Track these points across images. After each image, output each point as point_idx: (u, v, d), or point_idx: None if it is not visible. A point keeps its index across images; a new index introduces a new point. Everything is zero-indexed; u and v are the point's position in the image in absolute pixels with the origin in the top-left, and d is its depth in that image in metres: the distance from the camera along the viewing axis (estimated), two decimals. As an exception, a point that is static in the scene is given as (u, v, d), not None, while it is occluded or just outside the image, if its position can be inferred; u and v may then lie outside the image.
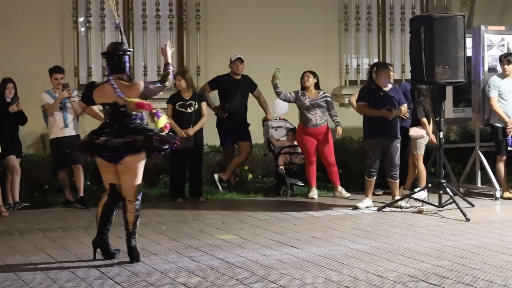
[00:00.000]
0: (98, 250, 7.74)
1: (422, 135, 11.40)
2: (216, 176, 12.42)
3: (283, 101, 12.04)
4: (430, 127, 11.36)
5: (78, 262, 7.61)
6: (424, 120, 11.36)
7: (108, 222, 7.75)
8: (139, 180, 7.73)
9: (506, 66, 11.52)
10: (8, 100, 11.09)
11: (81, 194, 11.27)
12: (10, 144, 11.06)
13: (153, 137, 7.55)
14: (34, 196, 11.56)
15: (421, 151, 11.47)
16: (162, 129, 7.67)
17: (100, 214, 7.71)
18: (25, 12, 12.58)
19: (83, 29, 13.24)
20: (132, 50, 7.94)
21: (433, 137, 11.33)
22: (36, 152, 12.42)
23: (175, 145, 7.72)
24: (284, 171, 12.09)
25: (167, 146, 7.64)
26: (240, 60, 12.35)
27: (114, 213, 7.85)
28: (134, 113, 7.54)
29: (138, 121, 7.62)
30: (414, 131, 11.37)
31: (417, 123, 11.37)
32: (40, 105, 11.32)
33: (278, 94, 11.88)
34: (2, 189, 10.88)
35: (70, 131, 11.21)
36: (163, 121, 7.70)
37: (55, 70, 11.34)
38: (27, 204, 11.18)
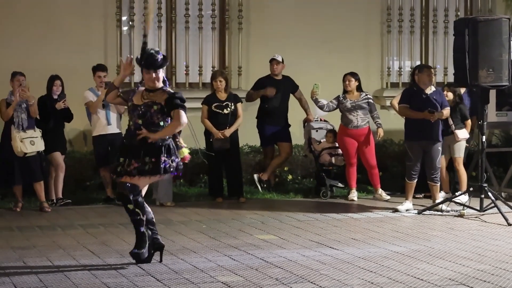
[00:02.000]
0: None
1: (466, 137, 11.37)
2: (255, 176, 12.44)
3: (328, 112, 12.01)
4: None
5: (120, 259, 7.66)
6: (469, 122, 11.33)
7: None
8: None
9: None
10: (55, 97, 11.23)
11: (122, 191, 11.33)
12: (55, 140, 11.21)
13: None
14: (76, 193, 11.65)
15: (462, 154, 11.42)
16: (183, 159, 7.59)
17: None
18: (69, 10, 12.67)
19: (126, 28, 13.30)
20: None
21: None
22: (78, 149, 12.50)
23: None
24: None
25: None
26: (276, 61, 12.34)
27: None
28: None
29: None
30: (462, 134, 11.31)
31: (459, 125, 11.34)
32: (83, 102, 11.43)
33: (321, 108, 11.90)
34: (45, 185, 11.01)
35: (113, 129, 11.30)
36: (185, 151, 7.63)
37: (98, 68, 11.46)
38: (69, 200, 11.31)
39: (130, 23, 13.26)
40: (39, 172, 10.89)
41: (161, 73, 7.47)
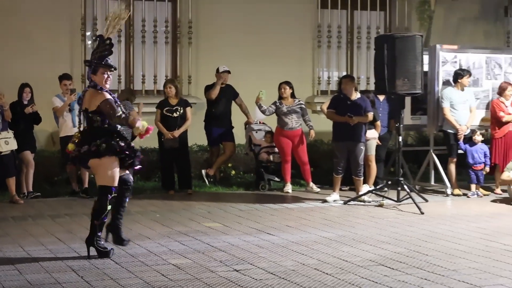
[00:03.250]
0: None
1: (375, 137, 11.52)
2: (203, 171, 12.44)
3: (268, 115, 12.05)
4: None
5: (83, 245, 7.58)
6: (378, 123, 11.46)
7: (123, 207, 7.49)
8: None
9: (459, 81, 11.63)
10: (25, 102, 11.14)
11: (86, 185, 11.26)
12: (26, 140, 11.08)
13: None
14: (45, 187, 11.52)
15: (373, 152, 11.58)
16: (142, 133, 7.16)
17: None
18: (39, 27, 12.55)
19: (89, 42, 13.22)
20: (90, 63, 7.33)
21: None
22: (47, 148, 12.40)
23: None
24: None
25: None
26: (228, 72, 12.40)
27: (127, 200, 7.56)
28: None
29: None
30: (371, 134, 11.43)
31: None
32: (51, 107, 11.35)
33: (263, 112, 11.92)
34: (17, 180, 10.90)
35: (75, 130, 11.17)
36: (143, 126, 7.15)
37: (64, 77, 11.40)
38: (39, 193, 11.21)
39: (94, 37, 13.09)
40: (12, 169, 10.77)
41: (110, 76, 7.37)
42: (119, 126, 7.24)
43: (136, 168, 7.56)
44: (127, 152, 7.17)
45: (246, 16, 13.82)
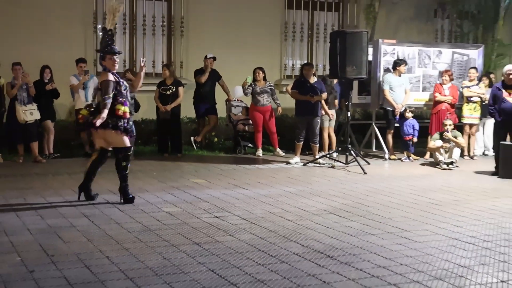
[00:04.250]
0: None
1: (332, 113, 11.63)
2: (192, 138, 12.43)
3: (249, 94, 11.97)
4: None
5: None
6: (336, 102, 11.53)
7: (94, 174, 7.47)
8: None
9: (397, 68, 11.70)
10: (46, 81, 11.06)
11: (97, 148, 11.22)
12: (47, 112, 11.01)
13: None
14: (63, 149, 11.44)
15: (325, 125, 11.62)
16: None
17: (89, 166, 7.44)
18: (58, 19, 12.43)
19: (100, 32, 13.11)
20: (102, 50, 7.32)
21: (330, 113, 11.59)
22: (64, 118, 12.34)
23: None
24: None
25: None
26: (214, 58, 12.34)
27: (99, 169, 7.53)
28: None
29: None
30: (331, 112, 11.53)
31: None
32: (69, 85, 11.28)
33: (246, 94, 11.90)
34: (40, 144, 10.85)
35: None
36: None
37: (80, 60, 11.35)
38: (58, 154, 11.17)
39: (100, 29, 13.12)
40: (35, 135, 10.70)
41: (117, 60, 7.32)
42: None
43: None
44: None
45: (227, 14, 13.77)
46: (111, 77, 7.10)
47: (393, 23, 14.95)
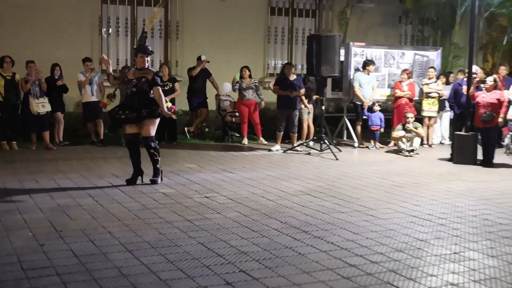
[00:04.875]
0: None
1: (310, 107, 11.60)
2: (186, 128, 12.38)
3: (237, 90, 11.91)
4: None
5: (98, 180, 7.56)
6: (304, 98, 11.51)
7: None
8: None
9: (366, 68, 11.71)
10: (56, 77, 10.93)
11: (101, 137, 11.15)
12: (57, 104, 10.90)
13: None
14: (71, 138, 11.33)
15: (305, 117, 11.61)
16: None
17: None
18: (67, 22, 12.32)
19: (105, 35, 13.00)
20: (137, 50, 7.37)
21: (309, 107, 11.59)
22: (73, 110, 12.23)
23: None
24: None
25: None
26: (207, 61, 12.21)
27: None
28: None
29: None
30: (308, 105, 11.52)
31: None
32: (77, 81, 11.15)
33: (234, 90, 11.88)
34: (51, 133, 10.75)
35: (94, 98, 11.07)
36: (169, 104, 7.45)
37: (87, 59, 11.20)
38: (67, 142, 11.05)
39: (108, 32, 13.02)
40: (47, 125, 10.60)
41: (148, 58, 7.28)
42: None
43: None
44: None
45: (217, 19, 13.67)
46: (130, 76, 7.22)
47: (363, 28, 14.91)
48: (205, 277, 4.08)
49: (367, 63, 11.74)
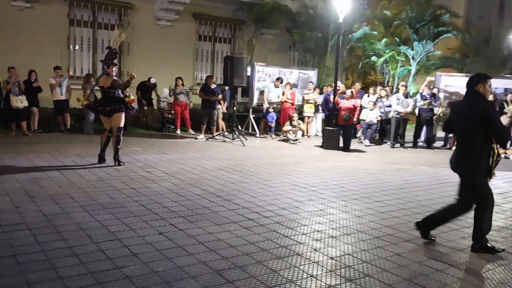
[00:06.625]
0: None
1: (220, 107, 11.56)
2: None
3: (172, 95, 11.54)
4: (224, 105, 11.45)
5: (65, 158, 7.18)
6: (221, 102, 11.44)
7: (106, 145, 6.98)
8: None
9: (276, 82, 11.80)
10: (32, 80, 10.18)
11: (68, 126, 10.55)
12: (33, 101, 10.15)
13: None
14: (44, 127, 10.66)
15: (221, 115, 11.50)
16: (131, 101, 6.88)
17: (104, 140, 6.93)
18: (44, 38, 11.57)
19: (71, 46, 12.31)
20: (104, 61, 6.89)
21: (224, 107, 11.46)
22: (46, 106, 11.43)
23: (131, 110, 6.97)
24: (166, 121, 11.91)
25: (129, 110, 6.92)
26: (152, 81, 11.65)
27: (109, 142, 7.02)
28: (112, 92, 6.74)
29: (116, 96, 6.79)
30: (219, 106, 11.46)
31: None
32: (49, 84, 10.45)
33: (170, 94, 11.56)
34: (28, 123, 10.05)
35: (63, 97, 10.46)
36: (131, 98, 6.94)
37: (57, 67, 10.51)
38: (41, 130, 10.36)
39: (75, 44, 12.31)
40: (24, 116, 9.87)
41: (115, 69, 6.83)
42: (121, 94, 6.78)
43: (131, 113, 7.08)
44: (128, 109, 6.88)
45: (158, 41, 13.28)
46: (115, 78, 6.77)
47: (264, 52, 15.03)
48: (144, 229, 4.02)
49: (278, 79, 11.88)
